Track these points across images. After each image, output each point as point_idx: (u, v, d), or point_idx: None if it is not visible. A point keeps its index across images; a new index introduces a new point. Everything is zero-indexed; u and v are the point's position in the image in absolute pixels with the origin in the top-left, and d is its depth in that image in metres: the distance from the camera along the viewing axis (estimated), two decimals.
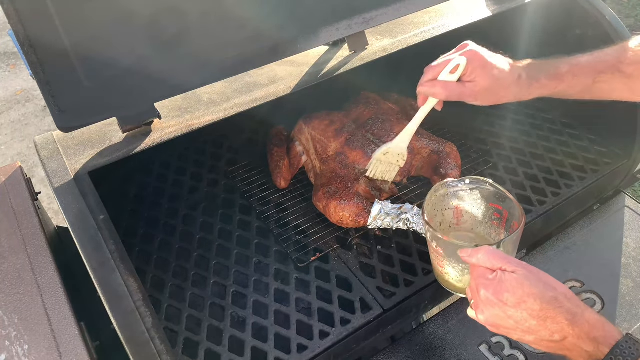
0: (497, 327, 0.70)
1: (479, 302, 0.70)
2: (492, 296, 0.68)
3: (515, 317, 0.66)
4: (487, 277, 0.69)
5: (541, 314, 0.65)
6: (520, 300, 0.65)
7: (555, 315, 0.64)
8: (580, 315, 0.64)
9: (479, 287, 0.70)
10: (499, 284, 0.67)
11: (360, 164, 1.14)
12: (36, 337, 0.74)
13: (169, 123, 0.91)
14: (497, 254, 0.71)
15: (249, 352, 0.90)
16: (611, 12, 1.16)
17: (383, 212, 1.05)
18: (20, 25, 0.72)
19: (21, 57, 1.04)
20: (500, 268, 0.69)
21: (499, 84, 0.86)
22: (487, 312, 0.69)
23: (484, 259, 0.71)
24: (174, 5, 0.84)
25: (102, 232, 0.75)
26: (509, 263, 0.69)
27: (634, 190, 2.40)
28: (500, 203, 0.88)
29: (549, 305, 0.64)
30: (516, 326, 0.67)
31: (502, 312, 0.67)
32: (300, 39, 0.99)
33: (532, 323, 0.65)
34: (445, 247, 0.82)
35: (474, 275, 0.72)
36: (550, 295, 0.65)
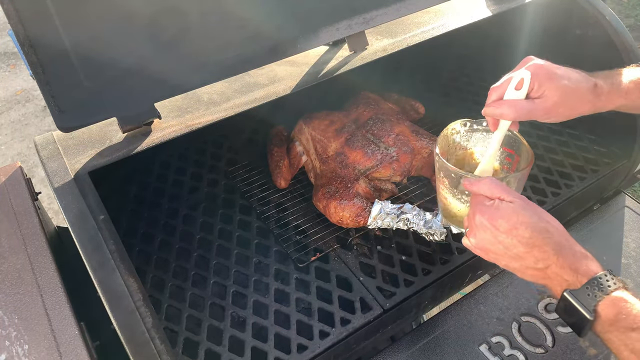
0: (486, 251, 0.72)
1: (473, 227, 0.73)
2: (486, 221, 0.70)
3: (505, 242, 0.69)
4: (484, 204, 0.72)
5: (530, 241, 0.67)
6: (512, 226, 0.68)
7: (543, 244, 0.67)
8: (567, 247, 0.67)
9: (475, 213, 0.72)
10: (495, 210, 0.70)
11: (360, 164, 1.14)
12: (36, 337, 0.74)
13: (169, 123, 0.91)
14: (498, 184, 0.72)
15: (249, 352, 0.90)
16: (611, 12, 1.16)
17: (383, 212, 1.05)
18: (20, 25, 0.72)
19: (21, 57, 1.04)
20: (499, 197, 0.71)
21: (573, 96, 0.79)
22: (479, 236, 0.72)
23: (485, 187, 0.73)
24: (173, 5, 0.84)
25: (102, 232, 0.75)
26: (508, 193, 0.71)
27: (634, 190, 2.40)
28: (514, 148, 0.87)
29: (539, 234, 0.67)
30: (504, 252, 0.69)
31: (493, 237, 0.70)
32: (300, 39, 0.99)
33: (520, 249, 0.68)
34: (450, 178, 0.82)
35: (473, 202, 0.74)
36: (541, 226, 0.68)
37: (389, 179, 1.17)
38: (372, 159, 1.14)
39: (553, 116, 0.80)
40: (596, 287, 0.63)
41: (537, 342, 0.96)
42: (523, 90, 0.79)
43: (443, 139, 0.89)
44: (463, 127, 0.91)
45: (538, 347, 0.95)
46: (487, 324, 0.99)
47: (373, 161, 1.14)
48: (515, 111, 0.79)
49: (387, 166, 1.14)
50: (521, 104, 0.79)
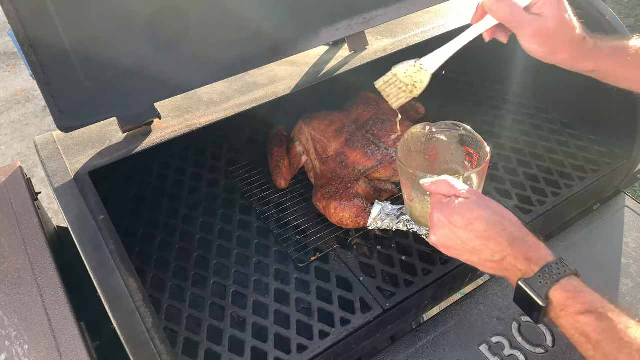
0: (446, 247, 0.75)
1: (433, 225, 0.75)
2: (443, 218, 0.73)
3: (462, 237, 0.71)
4: (442, 202, 0.74)
5: (485, 234, 0.69)
6: (468, 222, 0.70)
7: (497, 237, 0.69)
8: (520, 238, 0.69)
9: (434, 211, 0.75)
10: (451, 207, 0.73)
11: (360, 164, 1.14)
12: (36, 337, 0.74)
13: (169, 123, 0.91)
14: (454, 183, 0.75)
15: (249, 352, 0.90)
16: (611, 12, 1.16)
17: (383, 213, 1.05)
18: (20, 25, 0.72)
19: (21, 57, 1.04)
20: (455, 194, 0.74)
21: (563, 33, 0.78)
22: (438, 233, 0.74)
23: (442, 187, 0.76)
24: (173, 5, 0.84)
25: (102, 232, 0.75)
26: (462, 191, 0.74)
27: (634, 190, 2.40)
28: (472, 146, 0.91)
29: (493, 227, 0.69)
30: (463, 246, 0.72)
31: (451, 232, 0.72)
32: (300, 39, 0.99)
33: (477, 243, 0.70)
34: (412, 180, 0.86)
35: (432, 201, 0.77)
36: (495, 219, 0.70)
37: (389, 180, 1.17)
38: (372, 159, 1.14)
39: (535, 42, 0.79)
40: (547, 274, 0.65)
41: (537, 342, 0.96)
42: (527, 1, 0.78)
43: (403, 144, 0.93)
44: (423, 130, 0.94)
45: (538, 347, 0.95)
46: (487, 324, 0.99)
47: (373, 161, 1.14)
48: (510, 13, 0.78)
49: (387, 166, 1.14)
50: (519, 11, 0.78)
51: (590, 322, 0.61)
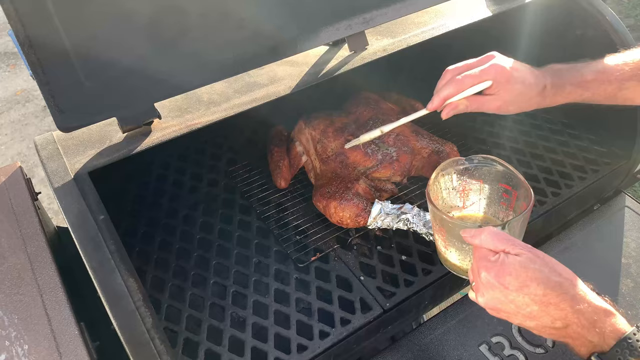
0: (497, 310, 0.67)
1: (479, 285, 0.68)
2: (493, 279, 0.65)
3: (516, 301, 0.64)
4: (489, 259, 0.67)
5: (544, 299, 0.62)
6: (522, 284, 0.63)
7: (559, 302, 0.62)
8: (586, 304, 0.62)
9: (480, 269, 0.67)
10: (501, 267, 0.65)
11: (360, 164, 1.14)
12: (36, 337, 0.74)
13: (169, 123, 0.91)
14: (501, 236, 0.68)
15: (249, 352, 0.90)
16: (611, 12, 1.16)
17: (383, 212, 1.05)
18: (20, 25, 0.72)
19: (21, 57, 1.04)
20: (503, 250, 0.66)
21: (522, 97, 0.86)
22: (487, 295, 0.67)
23: (487, 240, 0.68)
24: (173, 5, 0.84)
25: (102, 232, 0.75)
26: (513, 245, 0.66)
27: (634, 190, 2.40)
28: (509, 183, 0.84)
29: (552, 291, 0.62)
30: (517, 311, 0.65)
31: (503, 295, 0.65)
32: (300, 39, 0.99)
33: (534, 308, 0.63)
34: (448, 228, 0.79)
35: (476, 256, 0.69)
36: (555, 281, 0.63)
37: (389, 179, 1.17)
38: (372, 159, 1.14)
39: (502, 111, 0.88)
40: (627, 349, 0.59)
41: (537, 342, 0.96)
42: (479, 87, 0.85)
43: (434, 182, 0.85)
44: (455, 166, 0.88)
45: (538, 347, 0.95)
46: (487, 324, 0.99)
47: (373, 161, 1.14)
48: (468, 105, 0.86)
49: (387, 166, 1.14)
50: (474, 99, 0.86)
51: None
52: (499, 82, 0.84)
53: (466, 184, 0.89)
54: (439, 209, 0.78)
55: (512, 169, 0.84)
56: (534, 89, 0.85)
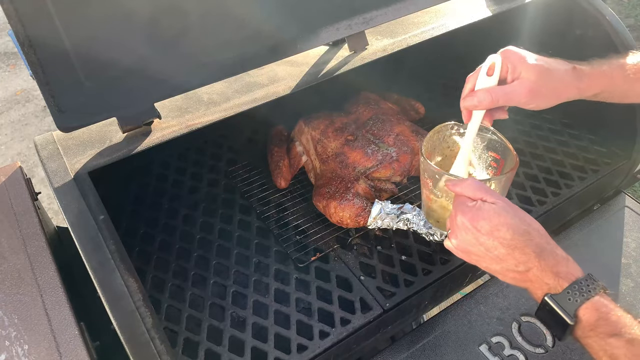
0: (467, 252, 0.71)
1: (454, 228, 0.72)
2: (468, 222, 0.69)
3: (486, 244, 0.68)
4: (467, 205, 0.71)
5: (511, 243, 0.66)
6: (494, 228, 0.67)
7: (524, 247, 0.66)
8: (548, 251, 0.66)
9: (457, 214, 0.71)
10: (477, 212, 0.69)
11: (360, 164, 1.14)
12: (36, 337, 0.74)
13: (169, 123, 0.91)
14: (481, 186, 0.72)
15: (249, 352, 0.90)
16: (611, 12, 1.16)
17: (383, 212, 1.05)
18: (20, 25, 0.72)
19: (21, 57, 1.04)
20: (481, 198, 0.70)
21: (552, 77, 0.76)
22: (460, 237, 0.71)
23: (468, 188, 0.72)
24: (174, 5, 0.84)
25: (102, 232, 0.75)
26: (490, 195, 0.70)
27: (634, 190, 2.40)
28: (499, 152, 0.87)
29: (520, 236, 0.66)
30: (485, 253, 0.69)
31: (474, 238, 0.69)
32: (300, 39, 0.99)
33: (501, 251, 0.67)
34: (434, 179, 0.82)
35: (455, 203, 0.73)
36: (523, 228, 0.67)
37: (389, 179, 1.17)
38: (372, 159, 1.14)
39: (537, 99, 0.76)
40: (577, 291, 0.63)
41: (537, 342, 0.96)
42: (495, 76, 0.77)
43: (429, 140, 0.89)
44: (450, 130, 0.90)
45: (538, 347, 0.95)
46: (487, 324, 0.99)
47: (373, 161, 1.14)
48: (490, 97, 0.76)
49: (387, 166, 1.14)
50: (496, 89, 0.77)
51: (620, 345, 0.59)
52: (514, 62, 0.76)
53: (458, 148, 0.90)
54: (428, 160, 0.81)
55: (503, 138, 0.85)
56: (562, 68, 0.77)
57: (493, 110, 0.83)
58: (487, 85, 0.78)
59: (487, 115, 0.82)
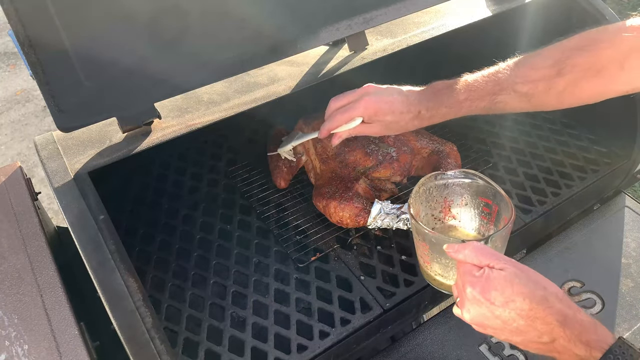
0: (483, 326, 0.67)
1: (464, 300, 0.67)
2: (478, 294, 0.64)
3: (502, 316, 0.63)
4: (473, 275, 0.66)
5: (530, 314, 0.62)
6: (508, 299, 0.63)
7: (545, 316, 0.62)
8: (571, 317, 0.62)
9: (465, 285, 0.67)
10: (486, 282, 0.64)
11: (360, 164, 1.14)
12: (36, 337, 0.74)
13: (169, 123, 0.91)
14: (485, 250, 0.68)
15: (249, 352, 0.90)
16: (611, 12, 1.16)
17: (383, 212, 1.05)
18: (20, 25, 0.72)
19: (21, 57, 1.04)
20: (488, 265, 0.66)
21: (396, 125, 0.94)
22: (473, 311, 0.66)
23: (471, 255, 0.67)
24: (174, 5, 0.84)
25: (102, 232, 0.75)
26: (497, 260, 0.66)
27: (634, 190, 2.40)
28: (490, 197, 0.85)
29: (538, 305, 0.62)
30: (503, 326, 0.64)
31: (489, 311, 0.64)
32: (300, 39, 0.99)
33: (521, 323, 0.63)
34: (430, 242, 0.78)
35: (460, 272, 0.69)
36: (540, 295, 0.62)
37: (389, 179, 1.17)
38: (372, 159, 1.14)
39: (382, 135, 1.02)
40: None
41: None
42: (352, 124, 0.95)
43: (415, 197, 0.85)
44: (434, 181, 0.88)
45: None
46: None
47: (373, 161, 1.14)
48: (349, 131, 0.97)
49: (387, 166, 1.14)
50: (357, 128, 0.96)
51: None
52: (369, 115, 0.93)
53: (447, 199, 0.90)
54: (421, 223, 0.78)
55: (492, 183, 0.84)
56: (407, 116, 0.93)
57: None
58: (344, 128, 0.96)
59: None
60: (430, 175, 0.88)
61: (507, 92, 0.87)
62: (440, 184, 0.88)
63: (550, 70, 0.84)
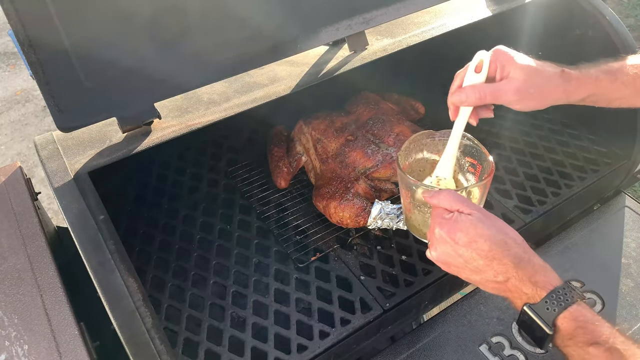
0: (447, 264, 0.72)
1: (433, 240, 0.72)
2: (445, 234, 0.69)
3: (464, 255, 0.68)
4: (443, 217, 0.71)
5: (489, 254, 0.67)
6: (471, 239, 0.67)
7: (502, 257, 0.66)
8: (526, 260, 0.66)
9: (435, 226, 0.71)
10: (453, 224, 0.69)
11: (360, 164, 1.14)
12: (36, 337, 0.74)
13: (169, 123, 0.91)
14: (457, 197, 0.72)
15: (249, 352, 0.90)
16: (611, 12, 1.16)
17: (383, 212, 1.05)
18: (20, 25, 0.72)
19: (21, 57, 1.04)
20: (457, 210, 0.71)
21: (540, 77, 0.75)
22: (439, 249, 0.71)
23: (444, 200, 0.72)
24: (174, 5, 0.84)
25: (102, 232, 0.75)
26: (467, 206, 0.70)
27: (634, 190, 2.40)
28: (476, 157, 0.88)
29: (497, 247, 0.66)
30: (464, 264, 0.69)
31: (453, 250, 0.69)
32: (300, 39, 0.99)
33: (480, 262, 0.67)
34: (412, 191, 0.82)
35: (433, 215, 0.74)
36: (500, 238, 0.67)
37: (389, 179, 1.17)
38: (372, 159, 1.14)
39: (524, 99, 0.76)
40: (555, 300, 0.63)
41: None
42: (483, 73, 0.77)
43: (405, 151, 0.89)
44: (426, 138, 0.91)
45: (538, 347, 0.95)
46: (487, 324, 0.99)
47: (373, 161, 1.14)
48: (477, 93, 0.77)
49: (387, 166, 1.14)
50: (483, 86, 0.77)
51: (599, 354, 0.59)
52: (502, 61, 0.76)
53: (435, 155, 0.92)
54: (405, 173, 0.82)
55: (477, 143, 0.86)
56: (550, 70, 0.77)
57: (479, 109, 0.83)
58: (475, 82, 0.78)
59: (473, 113, 0.82)
60: (421, 133, 0.91)
61: None
62: (429, 141, 0.92)
63: None
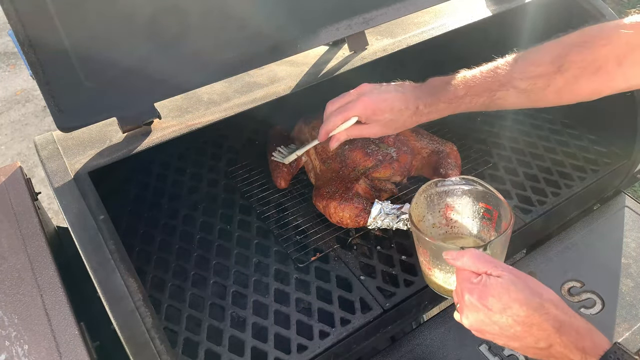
0: (481, 332, 0.68)
1: (463, 306, 0.69)
2: (476, 301, 0.66)
3: (500, 322, 0.65)
4: (471, 281, 0.67)
5: (527, 320, 0.63)
6: (505, 305, 0.64)
7: (541, 322, 0.62)
8: (567, 323, 0.62)
9: (463, 291, 0.68)
10: (483, 288, 0.66)
11: (360, 164, 1.14)
12: (36, 337, 0.74)
13: (169, 123, 0.91)
14: (483, 257, 0.69)
15: (249, 352, 0.90)
16: (611, 12, 1.16)
17: (383, 212, 1.05)
18: (20, 25, 0.72)
19: (21, 57, 1.04)
20: (485, 272, 0.67)
21: (395, 123, 0.93)
22: (471, 317, 0.68)
23: (469, 262, 0.69)
24: (174, 5, 0.84)
25: (102, 232, 0.75)
26: (494, 267, 0.67)
27: (634, 190, 2.40)
28: (489, 203, 0.86)
29: (535, 311, 0.63)
30: (501, 332, 0.65)
31: (487, 317, 0.65)
32: (300, 39, 0.99)
33: (517, 329, 0.64)
34: (431, 250, 0.80)
35: (459, 278, 0.70)
36: (536, 302, 0.63)
37: (389, 179, 1.17)
38: (372, 159, 1.14)
39: (383, 135, 0.97)
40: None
41: None
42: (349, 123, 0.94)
43: (415, 206, 0.87)
44: (435, 188, 0.89)
45: None
46: None
47: (373, 161, 1.14)
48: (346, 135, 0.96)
49: (387, 166, 1.14)
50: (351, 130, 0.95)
51: None
52: (367, 115, 0.92)
53: (448, 205, 0.91)
54: (421, 231, 0.79)
55: (491, 188, 0.84)
56: (405, 113, 0.91)
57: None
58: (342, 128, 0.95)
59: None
60: (430, 183, 0.89)
61: (506, 89, 0.87)
62: (441, 190, 0.90)
63: (550, 66, 0.84)
